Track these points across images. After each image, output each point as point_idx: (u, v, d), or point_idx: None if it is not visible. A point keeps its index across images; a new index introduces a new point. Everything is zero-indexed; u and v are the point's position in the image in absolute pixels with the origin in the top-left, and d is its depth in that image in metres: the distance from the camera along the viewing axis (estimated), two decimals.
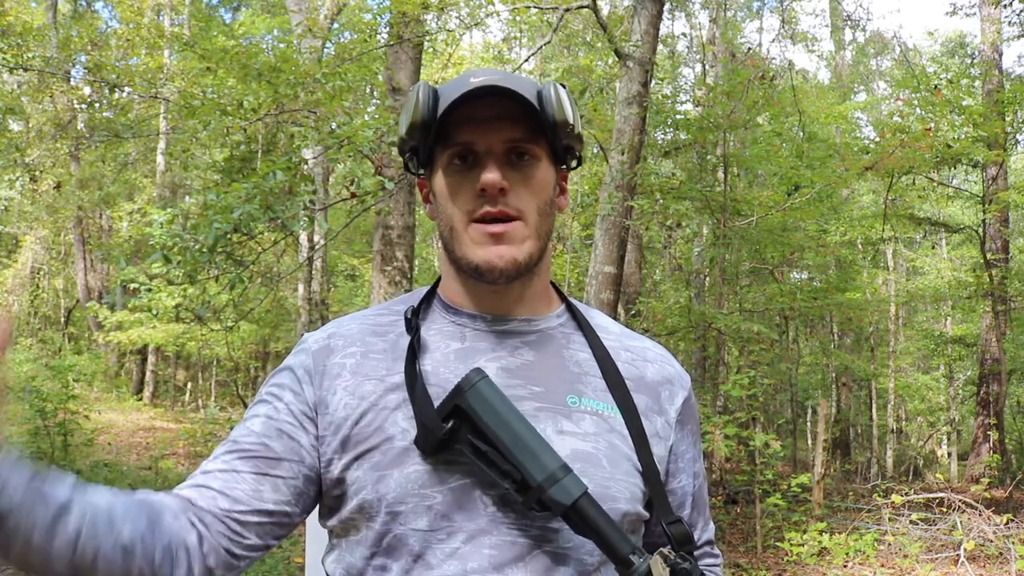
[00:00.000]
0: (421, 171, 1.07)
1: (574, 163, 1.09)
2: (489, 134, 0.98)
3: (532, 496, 0.89)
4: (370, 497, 0.95)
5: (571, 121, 1.00)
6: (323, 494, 1.01)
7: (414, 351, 1.00)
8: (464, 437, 0.92)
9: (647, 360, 1.10)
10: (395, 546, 0.95)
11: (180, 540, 0.91)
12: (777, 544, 6.60)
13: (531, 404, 0.98)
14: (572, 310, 1.11)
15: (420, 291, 1.11)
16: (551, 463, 0.90)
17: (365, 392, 0.99)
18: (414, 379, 0.97)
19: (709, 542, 1.17)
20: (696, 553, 1.14)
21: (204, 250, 4.54)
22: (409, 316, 1.04)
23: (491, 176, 0.96)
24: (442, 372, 1.00)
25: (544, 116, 0.98)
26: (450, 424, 0.93)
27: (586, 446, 0.98)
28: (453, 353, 1.02)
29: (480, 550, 0.93)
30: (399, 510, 0.94)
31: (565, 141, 1.02)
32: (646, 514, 1.03)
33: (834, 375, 14.36)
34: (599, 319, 1.14)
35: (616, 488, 0.97)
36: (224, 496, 0.95)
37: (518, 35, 16.48)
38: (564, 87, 1.03)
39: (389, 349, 1.03)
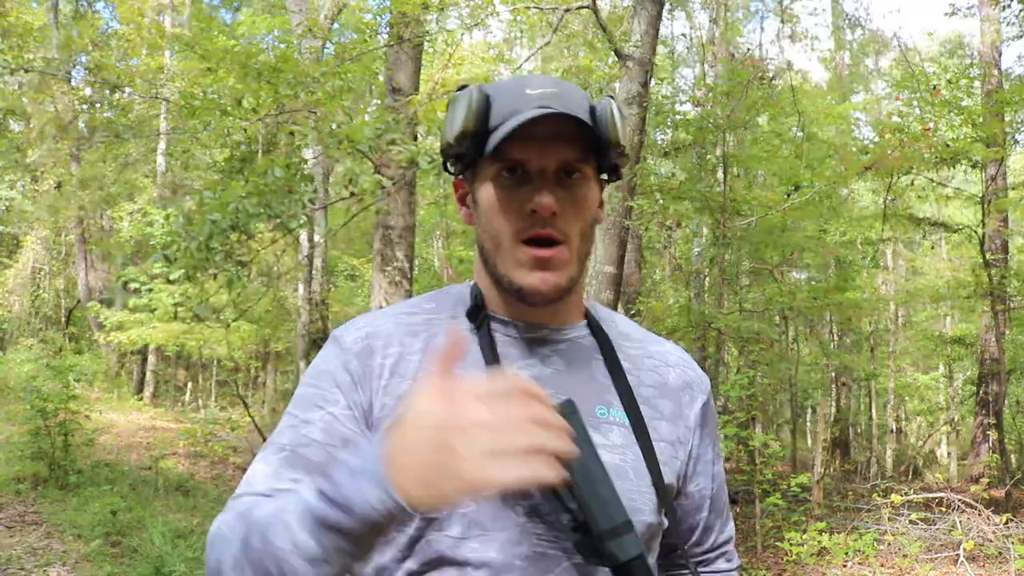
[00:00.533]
0: (460, 174, 1.05)
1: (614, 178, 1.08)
2: (545, 153, 0.96)
3: (591, 542, 0.87)
4: None
5: (623, 141, 0.99)
6: None
7: (495, 353, 0.99)
8: None
9: (669, 365, 1.11)
10: (426, 551, 0.94)
11: None
12: (777, 544, 6.60)
13: None
14: (592, 321, 1.09)
15: (450, 290, 1.10)
16: (618, 516, 0.87)
17: (401, 392, 0.98)
18: None
19: (726, 542, 1.18)
20: (711, 555, 1.17)
21: (201, 247, 4.54)
22: (473, 309, 1.03)
23: (546, 200, 0.95)
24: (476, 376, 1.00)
25: (600, 136, 0.97)
26: None
27: (614, 459, 0.98)
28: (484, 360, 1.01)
29: (513, 560, 0.92)
30: (433, 517, 0.93)
31: (615, 160, 1.02)
32: (666, 522, 1.04)
33: (834, 375, 14.36)
34: (623, 325, 1.13)
35: (641, 500, 0.98)
36: None
37: (518, 35, 16.48)
38: (614, 101, 1.01)
39: (425, 348, 1.01)
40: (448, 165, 1.05)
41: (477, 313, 1.03)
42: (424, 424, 0.74)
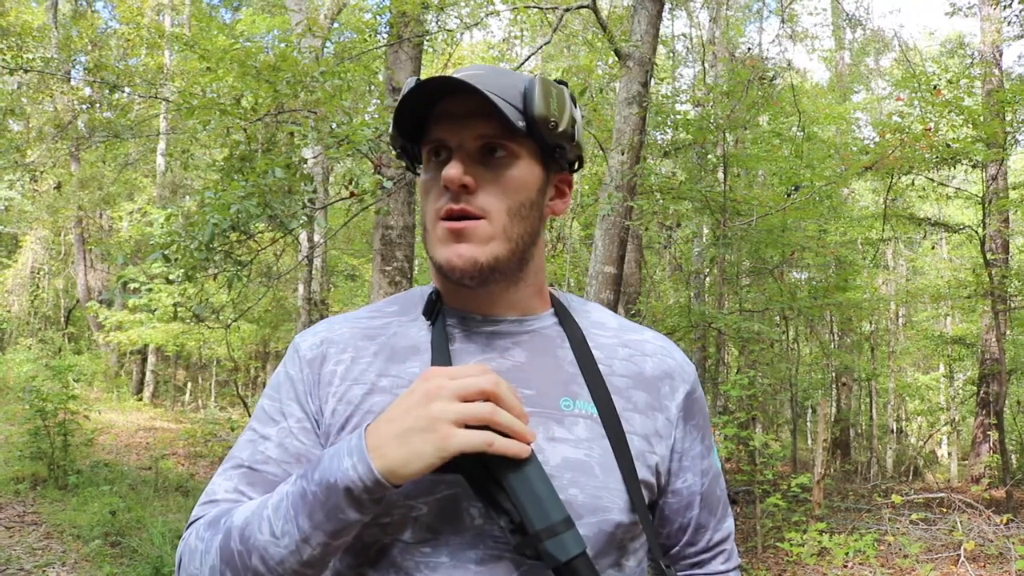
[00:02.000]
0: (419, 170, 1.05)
1: (575, 165, 1.05)
2: (461, 130, 0.95)
3: (528, 543, 0.84)
4: None
5: (552, 118, 0.96)
6: None
7: (447, 350, 0.98)
8: (469, 461, 0.86)
9: (645, 354, 1.06)
10: (380, 557, 0.93)
11: None
12: (777, 544, 6.59)
13: None
14: (560, 309, 1.06)
15: (414, 291, 1.09)
16: (554, 514, 0.84)
17: (352, 397, 0.98)
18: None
19: (722, 541, 1.12)
20: (706, 556, 1.11)
21: (201, 248, 4.53)
22: (428, 305, 1.03)
23: (451, 171, 0.93)
24: None
25: (524, 111, 0.95)
26: None
27: (578, 454, 0.94)
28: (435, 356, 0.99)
29: (466, 564, 0.90)
30: (384, 521, 0.92)
31: (550, 140, 0.97)
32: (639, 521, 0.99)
33: (834, 375, 14.35)
34: (596, 314, 1.09)
35: (608, 498, 0.94)
36: None
37: (518, 35, 16.46)
38: (564, 85, 1.00)
39: (379, 351, 1.01)
40: (407, 164, 1.06)
41: (432, 309, 1.02)
42: (407, 395, 0.85)
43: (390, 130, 1.01)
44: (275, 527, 0.85)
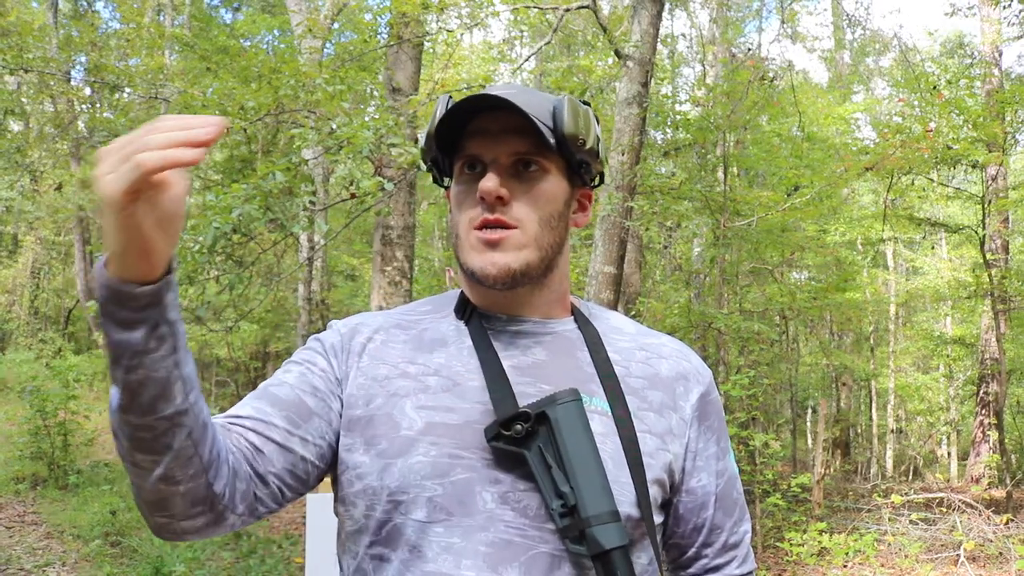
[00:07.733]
0: (446, 182, 1.10)
1: (596, 180, 1.11)
2: (496, 146, 1.01)
3: (576, 525, 0.91)
4: (374, 484, 0.96)
5: (581, 136, 1.02)
6: (334, 470, 1.03)
7: (489, 342, 1.03)
8: (536, 446, 0.94)
9: (662, 356, 1.10)
10: (394, 536, 0.96)
11: (225, 455, 0.91)
12: (777, 544, 6.60)
13: None
14: (579, 315, 1.11)
15: (448, 293, 1.15)
16: (606, 505, 0.91)
17: (377, 375, 1.02)
18: (495, 369, 1.00)
19: (739, 543, 1.12)
20: (722, 560, 1.12)
21: (203, 251, 4.54)
22: (460, 304, 1.08)
23: (488, 184, 0.99)
24: (454, 366, 1.02)
25: (555, 129, 1.00)
26: (528, 425, 0.94)
27: None
28: (467, 349, 1.04)
29: (476, 547, 0.93)
30: (400, 499, 0.95)
31: (578, 156, 1.04)
32: (658, 518, 1.03)
33: (834, 375, 14.35)
34: (615, 321, 1.14)
35: (619, 491, 0.96)
36: (255, 439, 0.95)
37: (519, 35, 16.46)
38: (588, 105, 1.05)
39: (410, 340, 1.06)
40: (435, 177, 1.11)
41: (464, 308, 1.08)
42: None
43: (422, 142, 1.08)
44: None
